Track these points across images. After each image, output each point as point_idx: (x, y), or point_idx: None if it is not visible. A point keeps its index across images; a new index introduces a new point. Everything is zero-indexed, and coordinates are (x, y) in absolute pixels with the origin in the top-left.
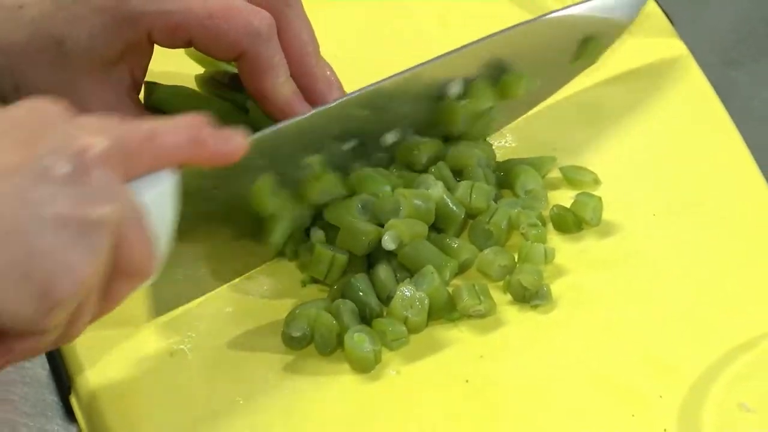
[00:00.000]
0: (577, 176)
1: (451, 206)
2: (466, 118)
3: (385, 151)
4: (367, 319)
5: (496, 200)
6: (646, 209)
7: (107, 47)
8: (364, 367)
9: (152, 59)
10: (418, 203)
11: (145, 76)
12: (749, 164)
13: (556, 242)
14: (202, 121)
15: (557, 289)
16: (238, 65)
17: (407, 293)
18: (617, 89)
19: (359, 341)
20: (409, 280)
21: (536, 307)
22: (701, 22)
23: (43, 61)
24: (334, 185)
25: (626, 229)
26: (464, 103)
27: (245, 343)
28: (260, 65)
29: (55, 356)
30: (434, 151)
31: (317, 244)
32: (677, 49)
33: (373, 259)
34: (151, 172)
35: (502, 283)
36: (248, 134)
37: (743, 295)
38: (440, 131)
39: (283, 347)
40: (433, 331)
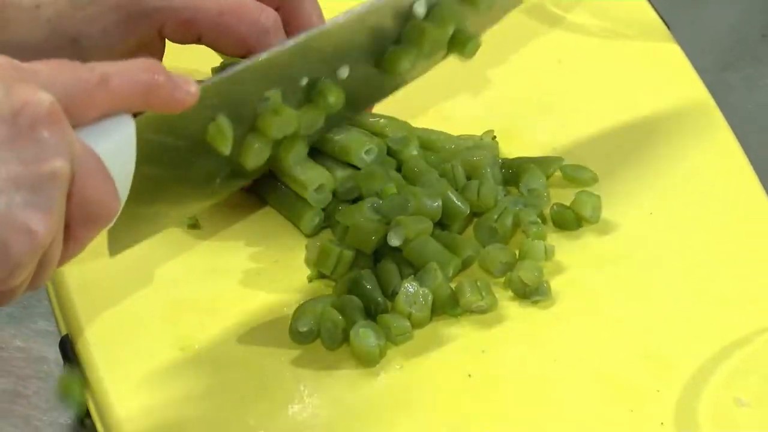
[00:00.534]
0: (576, 174)
1: (456, 203)
2: (432, 38)
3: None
4: (372, 314)
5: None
6: (643, 208)
7: (121, 43)
8: (369, 361)
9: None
10: (425, 201)
11: None
12: (744, 165)
13: (555, 239)
14: (156, 65)
15: (557, 285)
16: None
17: (411, 290)
18: (615, 91)
19: (364, 336)
20: (413, 276)
21: (536, 302)
22: (697, 27)
23: (60, 58)
24: (292, 119)
25: (624, 227)
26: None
27: (253, 337)
28: None
29: (68, 352)
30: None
31: (324, 240)
32: (674, 53)
33: (378, 254)
34: (106, 116)
35: (503, 279)
36: (201, 80)
37: (738, 292)
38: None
39: (290, 342)
40: (436, 326)
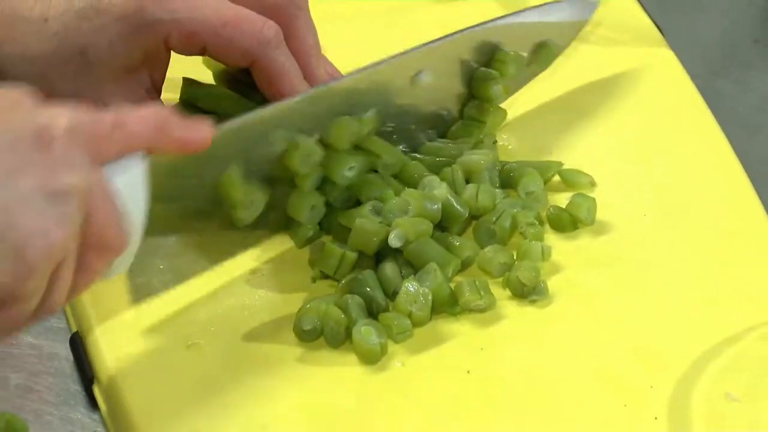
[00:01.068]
0: (574, 179)
1: (455, 206)
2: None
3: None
4: (373, 313)
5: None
6: (637, 210)
7: (127, 54)
8: (371, 358)
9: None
10: (425, 204)
11: (164, 80)
12: (735, 167)
13: (552, 240)
14: (168, 110)
15: (553, 285)
16: (252, 71)
17: (412, 289)
18: (611, 95)
19: (366, 334)
20: (413, 276)
21: (534, 302)
22: (690, 33)
23: (68, 69)
24: (312, 150)
25: (619, 228)
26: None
27: (259, 335)
28: (273, 71)
29: (78, 349)
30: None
31: (327, 242)
32: (667, 58)
33: (380, 255)
34: (120, 157)
35: (501, 279)
36: (215, 124)
37: (729, 291)
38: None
39: (295, 340)
40: (436, 324)
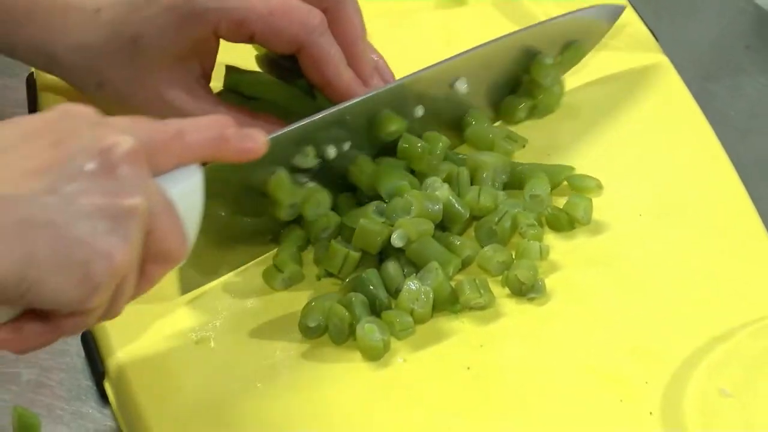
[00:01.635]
0: (582, 183)
1: (456, 207)
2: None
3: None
4: (376, 310)
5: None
6: (633, 210)
7: (177, 42)
8: (373, 355)
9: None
10: (427, 204)
11: (213, 67)
12: (727, 169)
13: (550, 240)
14: (226, 120)
15: (551, 283)
16: (299, 58)
17: (413, 287)
18: (607, 99)
19: (369, 331)
20: (415, 275)
21: (532, 300)
22: (683, 38)
23: (119, 59)
24: (324, 200)
25: (615, 228)
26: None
27: (265, 332)
28: (319, 57)
29: (90, 345)
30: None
31: (332, 241)
32: (661, 62)
33: (383, 255)
34: (179, 166)
35: (500, 277)
36: (267, 134)
37: (722, 289)
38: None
39: (300, 336)
40: (437, 322)
